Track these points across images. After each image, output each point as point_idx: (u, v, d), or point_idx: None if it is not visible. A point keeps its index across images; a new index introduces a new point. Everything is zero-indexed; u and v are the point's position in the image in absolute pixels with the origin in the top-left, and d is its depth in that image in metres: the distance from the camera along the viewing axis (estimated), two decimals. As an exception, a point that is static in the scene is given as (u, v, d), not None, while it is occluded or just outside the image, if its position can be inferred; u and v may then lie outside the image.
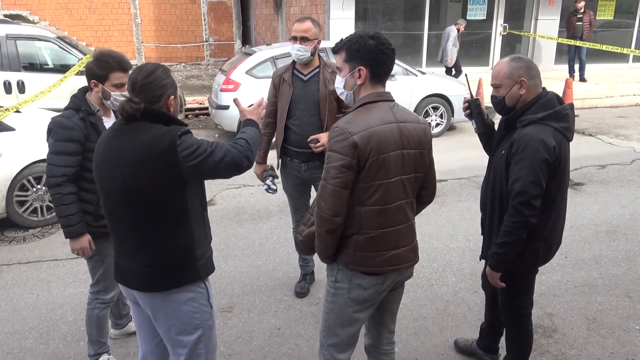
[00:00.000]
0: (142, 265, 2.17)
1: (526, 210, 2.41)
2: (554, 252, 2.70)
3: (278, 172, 3.84)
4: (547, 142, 2.39)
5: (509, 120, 2.58)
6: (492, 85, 2.61)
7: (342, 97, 2.35)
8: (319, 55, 3.57)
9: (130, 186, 2.07)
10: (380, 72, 2.21)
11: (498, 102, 2.58)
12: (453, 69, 11.47)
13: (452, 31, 11.20)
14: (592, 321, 3.67)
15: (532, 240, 2.54)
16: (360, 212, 2.18)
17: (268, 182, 3.75)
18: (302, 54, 3.45)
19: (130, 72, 2.64)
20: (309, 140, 3.35)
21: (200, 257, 2.23)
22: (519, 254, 2.55)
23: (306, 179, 3.69)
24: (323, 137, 3.31)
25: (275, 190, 3.78)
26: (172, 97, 2.17)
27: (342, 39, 2.29)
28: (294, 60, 3.54)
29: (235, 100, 2.52)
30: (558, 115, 2.46)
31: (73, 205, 2.73)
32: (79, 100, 2.80)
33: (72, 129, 2.71)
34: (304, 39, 3.42)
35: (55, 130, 2.73)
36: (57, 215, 2.78)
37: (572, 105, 2.56)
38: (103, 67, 2.72)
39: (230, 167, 2.15)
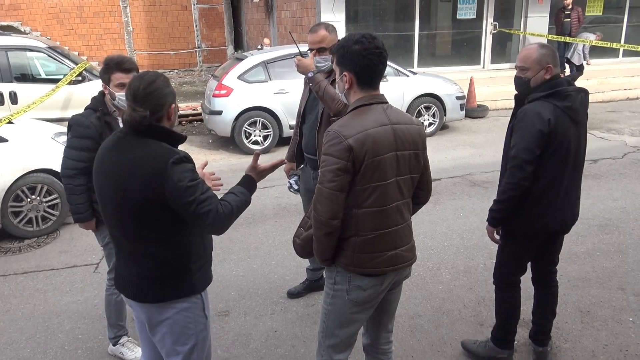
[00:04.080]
0: (135, 275, 2.17)
1: (518, 172, 2.70)
2: (553, 225, 2.87)
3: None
4: (542, 114, 2.66)
5: (519, 97, 2.85)
6: (518, 67, 2.82)
7: (343, 99, 2.37)
8: None
9: (121, 199, 2.06)
10: (366, 77, 2.20)
11: (523, 83, 2.82)
12: (575, 67, 12.04)
13: (590, 37, 11.82)
14: (586, 314, 3.71)
15: (526, 205, 2.80)
16: (357, 215, 2.20)
17: (292, 180, 3.74)
18: (323, 64, 3.34)
19: (133, 73, 2.79)
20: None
21: (196, 271, 2.20)
22: (516, 215, 2.83)
23: (313, 188, 3.54)
24: (305, 61, 3.26)
25: (298, 191, 3.74)
26: (173, 105, 2.16)
27: (339, 40, 2.29)
28: None
29: (255, 155, 2.44)
30: (559, 94, 2.70)
31: (83, 196, 3.00)
32: (97, 101, 3.04)
33: (88, 127, 2.94)
34: (321, 50, 3.30)
35: (73, 127, 2.99)
36: (68, 203, 3.08)
37: (580, 89, 2.76)
38: (105, 70, 2.92)
39: (201, 225, 2.09)
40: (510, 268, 3.06)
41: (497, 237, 3.02)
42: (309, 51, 3.42)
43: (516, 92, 2.88)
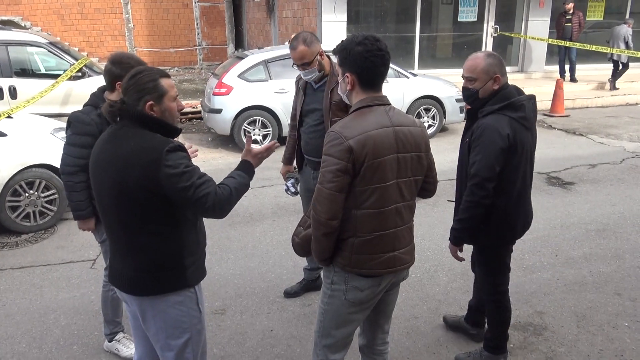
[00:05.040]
0: (130, 268, 2.18)
1: (479, 191, 2.67)
2: (519, 232, 2.97)
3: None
4: (501, 131, 2.63)
5: (471, 111, 2.81)
6: (465, 77, 2.76)
7: (345, 100, 2.36)
8: (330, 61, 3.45)
9: (117, 191, 2.08)
10: (367, 78, 2.20)
11: (471, 94, 2.76)
12: (621, 64, 12.15)
13: (629, 31, 11.88)
14: (582, 318, 3.71)
15: (495, 220, 2.79)
16: (356, 216, 2.20)
17: (288, 183, 3.74)
18: (311, 76, 3.40)
19: None
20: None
21: (190, 265, 2.21)
22: (487, 233, 2.82)
23: (313, 188, 3.59)
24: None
25: (295, 193, 3.75)
26: (151, 103, 2.09)
27: (342, 40, 2.28)
28: None
29: (247, 138, 2.46)
30: (513, 105, 2.68)
31: (83, 193, 2.99)
32: (97, 98, 3.01)
33: (89, 124, 2.92)
34: (305, 65, 3.34)
35: (73, 124, 2.97)
36: (68, 200, 3.07)
37: (530, 96, 2.76)
38: (125, 68, 2.81)
39: (201, 209, 2.10)
40: (500, 278, 3.06)
41: (461, 255, 2.96)
42: (294, 66, 3.42)
43: (468, 107, 2.85)
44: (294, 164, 3.85)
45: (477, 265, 3.14)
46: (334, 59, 2.38)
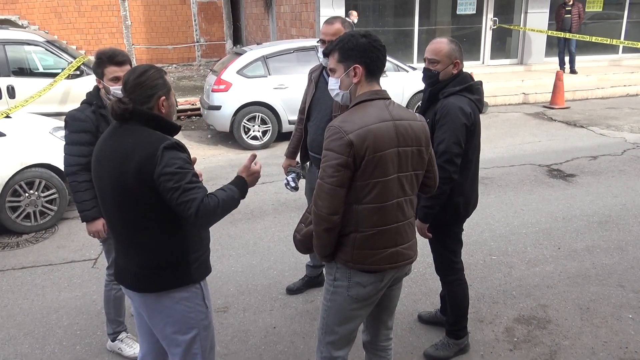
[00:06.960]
0: (134, 265, 2.19)
1: (450, 166, 2.77)
2: (472, 208, 3.11)
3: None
4: (464, 109, 2.79)
5: (432, 92, 2.93)
6: (428, 59, 2.89)
7: (337, 99, 2.34)
8: None
9: (118, 187, 2.08)
10: (374, 68, 2.22)
11: (432, 75, 2.91)
12: None
13: None
14: (586, 311, 3.70)
15: (454, 196, 2.92)
16: (357, 210, 2.19)
17: (289, 177, 3.69)
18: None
19: (126, 65, 2.82)
20: None
21: (194, 261, 2.22)
22: (444, 208, 2.91)
23: None
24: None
25: (295, 188, 3.69)
26: (164, 98, 2.16)
27: (332, 41, 2.30)
28: None
29: (251, 156, 2.34)
30: (472, 88, 2.89)
31: (88, 192, 2.93)
32: (92, 95, 3.03)
33: (84, 121, 2.93)
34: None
35: (70, 123, 2.96)
36: (73, 201, 3.04)
37: (480, 82, 2.98)
38: (98, 64, 2.91)
39: (183, 214, 2.04)
40: (453, 256, 3.14)
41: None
42: (318, 42, 3.40)
43: (430, 88, 2.94)
44: (297, 158, 3.83)
45: (433, 246, 3.17)
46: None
